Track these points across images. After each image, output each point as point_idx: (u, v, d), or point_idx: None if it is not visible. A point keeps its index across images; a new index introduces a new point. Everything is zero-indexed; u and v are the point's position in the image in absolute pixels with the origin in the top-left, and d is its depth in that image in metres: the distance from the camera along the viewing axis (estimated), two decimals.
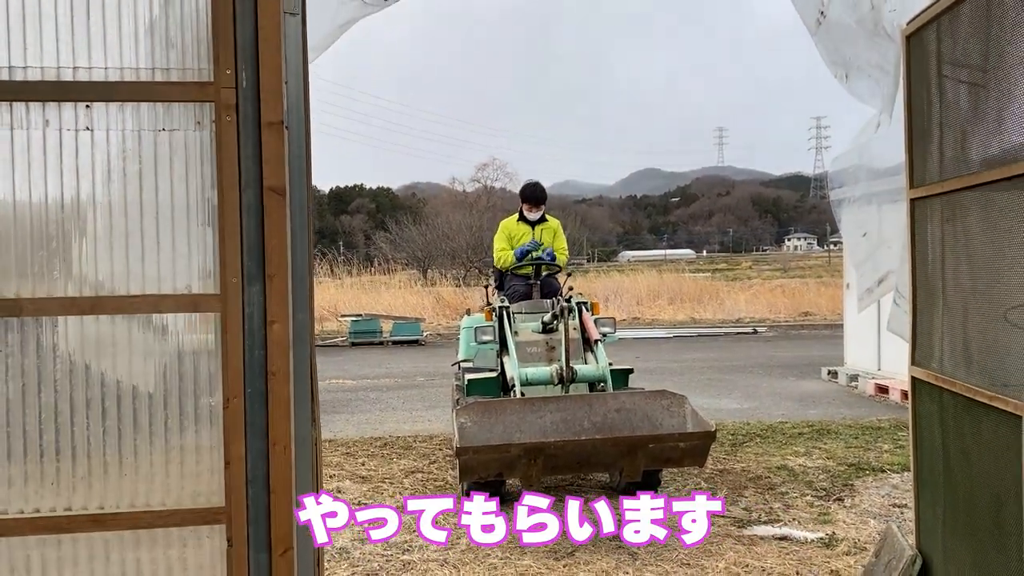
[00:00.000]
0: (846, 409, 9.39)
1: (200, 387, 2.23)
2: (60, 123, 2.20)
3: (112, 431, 2.23)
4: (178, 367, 2.26)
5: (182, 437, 2.24)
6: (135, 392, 2.25)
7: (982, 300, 2.95)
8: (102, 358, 2.25)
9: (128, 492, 2.24)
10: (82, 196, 2.23)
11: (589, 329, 6.08)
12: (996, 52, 2.84)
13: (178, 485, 2.25)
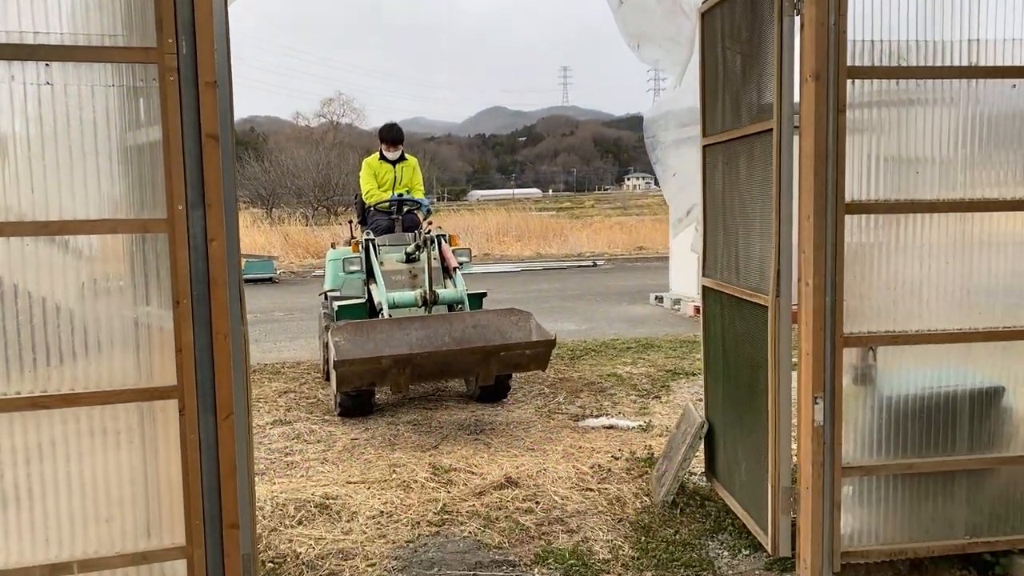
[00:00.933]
0: (669, 328, 10.70)
1: (160, 292, 2.82)
2: (24, 78, 2.69)
3: (80, 328, 2.79)
4: (131, 277, 2.83)
5: (138, 332, 2.84)
6: (96, 296, 2.81)
7: (745, 225, 3.93)
8: (67, 271, 2.79)
9: (94, 375, 2.82)
10: (45, 140, 2.73)
11: (448, 258, 6.84)
12: (758, 32, 3.76)
13: (139, 368, 2.85)
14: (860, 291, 3.50)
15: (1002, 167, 3.62)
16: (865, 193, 3.45)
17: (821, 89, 3.30)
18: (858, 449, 3.57)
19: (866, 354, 3.55)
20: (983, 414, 3.65)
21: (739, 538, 4.11)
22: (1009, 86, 3.57)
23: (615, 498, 4.74)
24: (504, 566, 3.95)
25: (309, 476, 5.28)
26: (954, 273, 3.61)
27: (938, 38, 3.53)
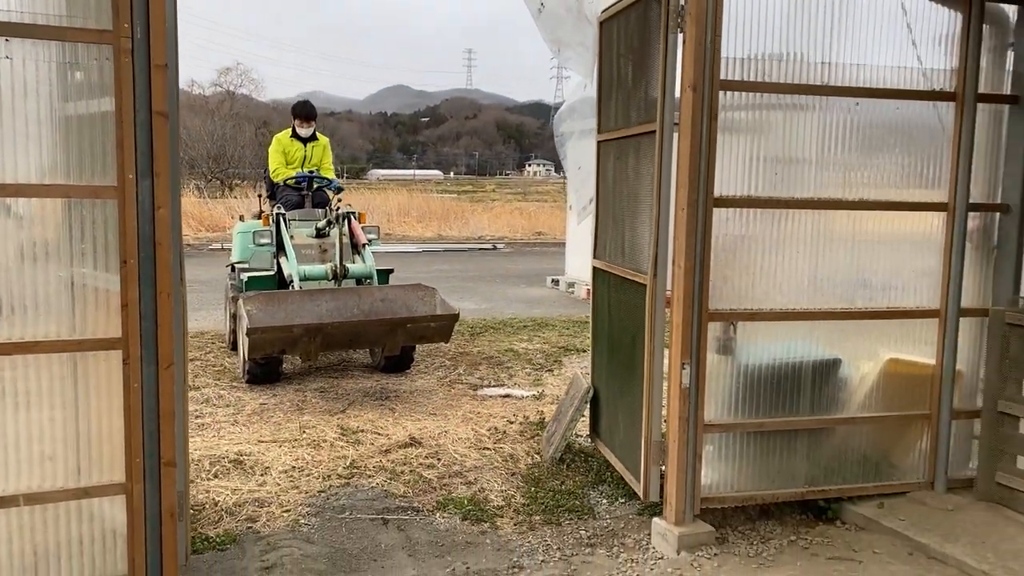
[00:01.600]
0: (563, 309, 11.31)
1: (108, 253, 3.11)
2: None
3: (31, 284, 3.05)
4: (81, 237, 3.11)
5: (85, 289, 3.12)
6: (46, 256, 3.08)
7: (631, 213, 4.47)
8: (17, 233, 3.05)
9: (43, 328, 3.08)
10: (3, 110, 2.96)
11: (357, 235, 7.17)
12: (647, 44, 4.28)
13: (86, 321, 3.13)
14: (724, 274, 4.09)
15: (847, 173, 4.28)
16: (731, 189, 4.02)
17: (698, 98, 3.85)
18: (718, 409, 4.16)
19: (728, 328, 4.14)
20: (823, 381, 4.32)
21: (617, 488, 4.68)
22: (853, 103, 4.22)
23: (509, 456, 5.24)
24: (409, 511, 4.38)
25: (221, 436, 5.55)
26: (804, 261, 4.25)
27: (798, 58, 4.15)
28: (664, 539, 4.03)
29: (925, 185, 4.40)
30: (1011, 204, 4.44)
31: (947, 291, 4.37)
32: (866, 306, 4.35)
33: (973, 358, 4.53)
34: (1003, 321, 4.32)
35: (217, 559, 3.77)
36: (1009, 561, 3.73)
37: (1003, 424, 4.36)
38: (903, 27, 4.34)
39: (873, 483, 4.43)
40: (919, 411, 4.46)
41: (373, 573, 3.72)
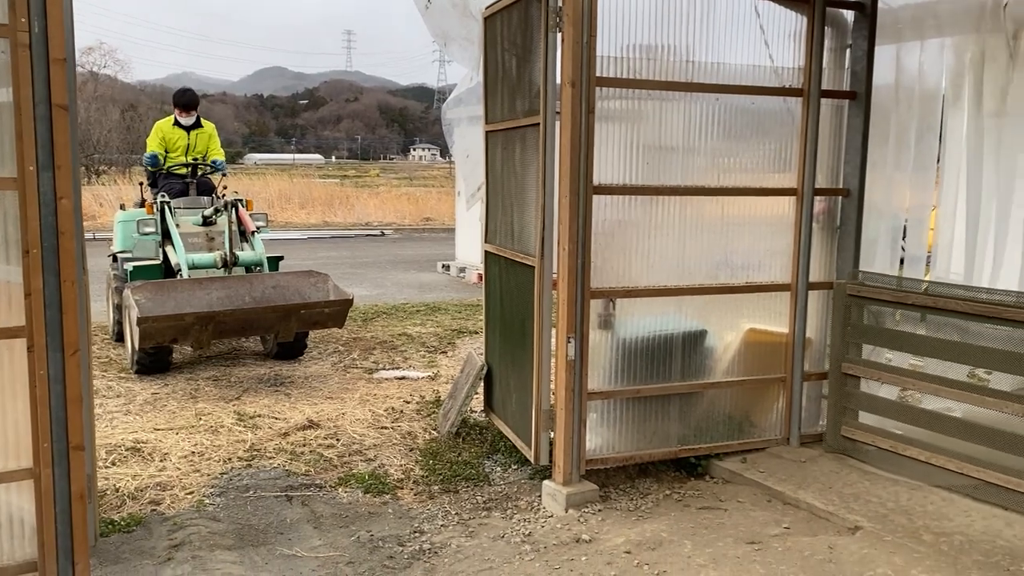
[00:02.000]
0: (455, 293, 11.58)
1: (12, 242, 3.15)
2: None
3: None
4: None
5: None
6: None
7: (519, 200, 4.78)
8: None
9: None
10: None
11: (246, 222, 7.19)
12: (529, 41, 4.58)
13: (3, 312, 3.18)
14: (604, 255, 4.45)
15: (711, 161, 4.72)
16: (609, 178, 4.39)
17: (576, 94, 4.18)
18: (600, 379, 4.54)
19: (607, 304, 4.52)
20: (692, 350, 4.76)
21: (510, 457, 5.00)
22: (714, 98, 4.66)
23: (407, 433, 5.48)
24: (312, 488, 4.57)
25: (114, 426, 5.55)
26: (673, 243, 4.67)
27: (666, 57, 4.54)
28: (553, 499, 4.38)
29: (778, 172, 4.90)
30: (851, 189, 5.00)
31: (797, 267, 4.90)
32: (728, 282, 4.82)
33: (821, 326, 5.09)
34: (845, 293, 4.88)
35: (124, 540, 3.87)
36: (850, 502, 4.27)
37: (847, 384, 4.93)
38: (757, 28, 4.81)
39: (737, 440, 4.92)
40: (775, 375, 4.98)
41: (280, 545, 3.90)
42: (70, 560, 3.33)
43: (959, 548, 3.79)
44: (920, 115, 5.30)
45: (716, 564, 3.69)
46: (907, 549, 3.80)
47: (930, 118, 5.32)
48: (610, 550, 3.86)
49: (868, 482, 4.55)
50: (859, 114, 4.95)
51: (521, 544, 3.96)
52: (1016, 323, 4.20)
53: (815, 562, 3.70)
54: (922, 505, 4.27)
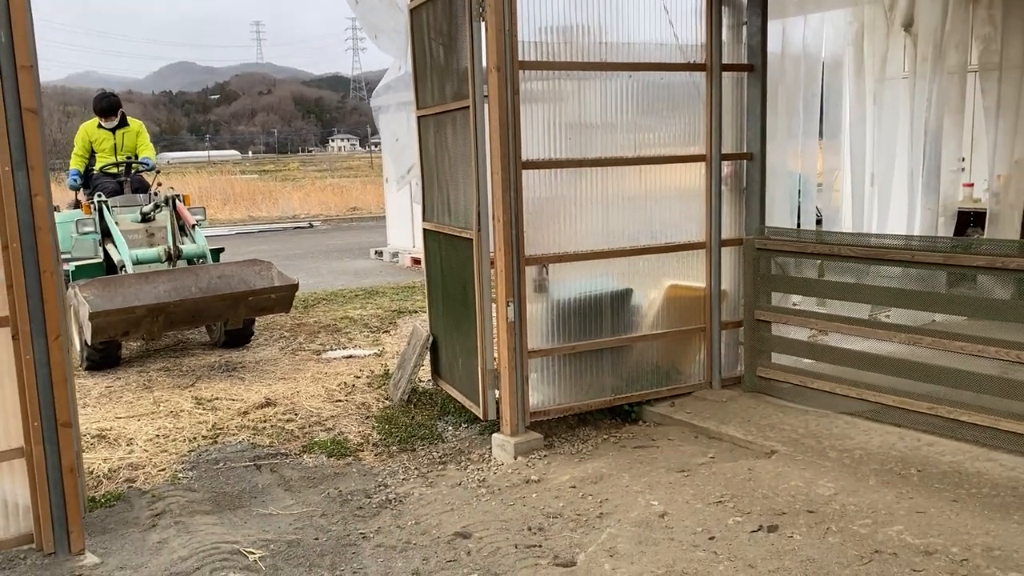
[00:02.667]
0: (390, 277, 11.88)
1: None
2: None
3: None
4: None
5: None
6: None
7: (453, 179, 5.15)
8: None
9: None
10: None
11: (185, 216, 7.37)
12: (455, 30, 4.94)
13: None
14: (536, 225, 4.87)
15: (628, 134, 5.17)
16: (536, 154, 4.80)
17: (502, 78, 4.57)
18: (539, 338, 4.97)
19: (541, 270, 4.95)
20: (620, 308, 5.23)
21: (460, 417, 5.41)
22: (627, 76, 5.11)
23: (361, 404, 5.83)
24: (278, 456, 4.89)
25: None
26: (598, 210, 5.12)
27: (581, 39, 4.96)
28: (503, 449, 4.80)
29: (688, 141, 5.38)
30: (754, 153, 5.52)
31: (710, 227, 5.41)
32: (649, 244, 5.30)
33: (734, 279, 5.61)
34: (754, 247, 5.42)
35: (108, 514, 4.13)
36: (767, 432, 4.81)
37: (759, 329, 5.48)
38: (662, 9, 5.27)
39: (666, 387, 5.42)
40: (696, 325, 5.50)
41: (256, 506, 4.23)
42: (64, 529, 3.61)
43: (859, 460, 4.36)
44: (806, 84, 5.86)
45: (651, 489, 4.18)
46: (815, 465, 4.34)
47: (814, 86, 5.88)
48: (557, 487, 4.31)
49: (782, 414, 5.11)
50: (757, 84, 5.47)
51: (477, 488, 4.37)
52: (901, 262, 4.80)
53: (737, 481, 4.22)
54: (828, 429, 4.83)
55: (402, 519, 4.03)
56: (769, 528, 3.69)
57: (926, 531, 3.57)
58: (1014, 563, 3.26)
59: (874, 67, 6.25)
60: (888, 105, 6.09)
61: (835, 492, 4.00)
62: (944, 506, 3.78)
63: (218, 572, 3.48)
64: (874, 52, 6.19)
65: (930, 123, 6.53)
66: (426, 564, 3.55)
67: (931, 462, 4.27)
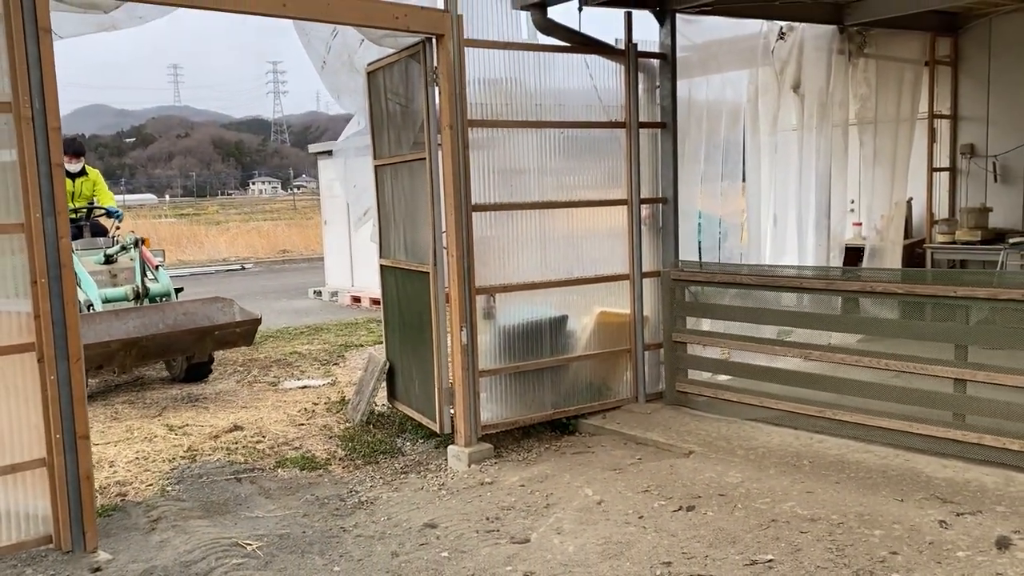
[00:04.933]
0: (332, 315, 12.39)
1: (18, 275, 3.91)
2: None
3: None
4: None
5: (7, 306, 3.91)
6: None
7: (410, 220, 5.84)
8: None
9: None
10: None
11: (148, 258, 7.83)
12: (412, 92, 5.67)
13: (6, 333, 3.91)
14: (485, 260, 5.59)
15: (561, 180, 5.97)
16: (483, 198, 5.54)
17: (454, 134, 5.30)
18: (488, 359, 5.66)
19: (489, 299, 5.66)
20: (557, 332, 5.98)
21: (416, 434, 6.03)
22: (559, 132, 5.92)
23: (323, 426, 6.39)
24: (255, 471, 5.43)
25: None
26: (537, 246, 5.87)
27: (520, 102, 5.75)
28: (458, 459, 5.44)
29: (612, 186, 6.21)
30: (668, 197, 6.39)
31: (632, 261, 6.22)
32: (581, 276, 6.08)
33: (654, 306, 6.43)
34: (670, 278, 6.25)
35: (109, 521, 4.60)
36: (685, 436, 5.59)
37: (677, 350, 6.29)
38: (588, 76, 6.12)
39: (598, 402, 6.16)
40: (623, 347, 6.28)
41: (243, 511, 4.76)
42: (81, 530, 4.10)
43: (762, 456, 5.17)
44: (708, 135, 6.79)
45: (589, 484, 4.89)
46: (726, 461, 5.13)
47: (715, 138, 6.82)
48: (508, 486, 4.98)
49: (698, 422, 5.90)
50: (669, 138, 6.36)
51: (438, 491, 5.00)
52: (791, 288, 5.70)
53: (661, 475, 4.96)
54: (736, 433, 5.64)
55: (375, 516, 4.63)
56: (688, 508, 4.43)
57: (813, 505, 4.37)
58: (878, 524, 4.08)
59: (767, 122, 7.25)
60: (782, 154, 7.08)
61: (741, 480, 4.78)
62: (828, 487, 4.60)
63: (223, 560, 4.02)
64: (767, 109, 7.19)
65: (819, 170, 7.55)
66: (402, 547, 4.17)
67: (820, 455, 5.10)
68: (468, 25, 5.34)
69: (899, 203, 8.59)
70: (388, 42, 5.56)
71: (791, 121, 7.78)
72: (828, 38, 7.53)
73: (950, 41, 8.70)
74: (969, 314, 4.90)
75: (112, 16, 4.43)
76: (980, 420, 4.83)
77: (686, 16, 6.51)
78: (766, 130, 7.06)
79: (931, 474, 4.66)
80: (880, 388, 5.30)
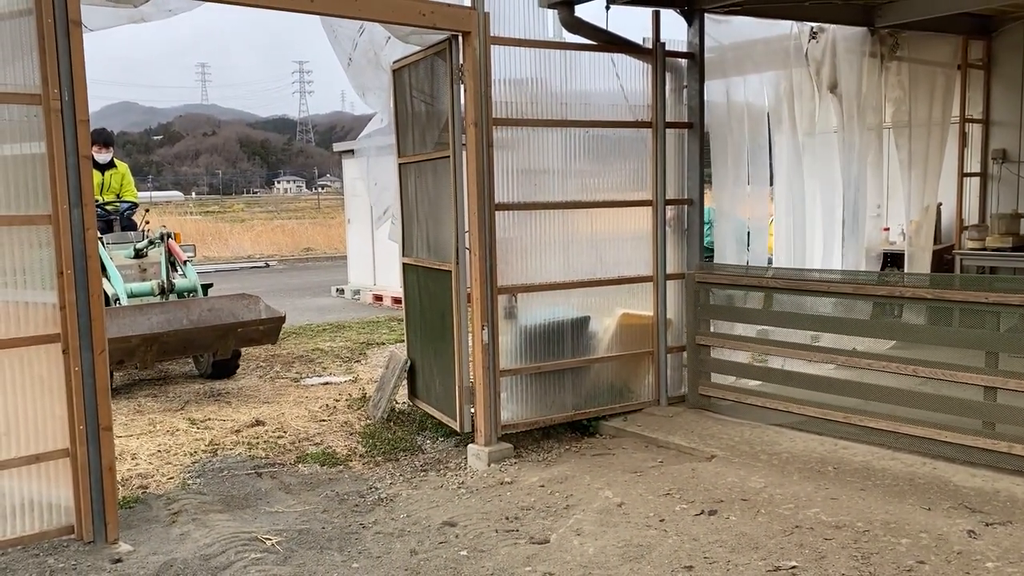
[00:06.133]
0: (354, 313, 12.43)
1: (45, 266, 3.94)
2: None
3: None
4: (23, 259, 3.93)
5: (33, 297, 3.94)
6: None
7: (434, 219, 5.83)
8: None
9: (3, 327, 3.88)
10: None
11: (177, 253, 7.87)
12: (438, 90, 5.66)
13: (32, 324, 3.95)
14: (507, 259, 5.56)
15: (585, 181, 5.93)
16: (507, 197, 5.51)
17: (479, 132, 5.28)
18: (509, 359, 5.63)
19: (511, 299, 5.63)
20: (579, 333, 5.94)
21: (437, 432, 6.01)
22: (584, 131, 5.88)
23: (344, 422, 6.39)
24: (276, 466, 5.43)
25: None
26: (560, 247, 5.84)
27: (545, 100, 5.72)
28: (478, 457, 5.42)
29: (637, 188, 6.16)
30: (693, 199, 6.33)
31: (656, 262, 6.17)
32: (604, 277, 6.04)
33: (678, 308, 6.37)
34: (695, 281, 6.19)
35: (130, 513, 4.63)
36: (707, 440, 5.53)
37: (700, 353, 6.23)
38: (615, 75, 6.08)
39: (619, 404, 6.12)
40: (646, 349, 6.22)
41: (263, 505, 4.77)
42: (103, 520, 4.12)
43: (785, 461, 5.10)
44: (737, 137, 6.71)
45: (610, 486, 4.84)
46: (749, 466, 5.06)
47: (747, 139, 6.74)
48: (528, 486, 4.95)
49: (720, 426, 5.84)
50: (696, 140, 6.30)
51: (458, 489, 4.98)
52: (818, 292, 5.62)
53: (683, 479, 4.91)
54: (760, 437, 5.57)
55: (395, 513, 4.62)
56: (710, 512, 4.38)
57: (837, 512, 4.30)
58: (904, 533, 4.00)
59: (803, 123, 7.15)
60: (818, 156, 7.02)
61: (764, 485, 4.72)
62: (854, 494, 4.52)
63: (242, 554, 4.02)
64: (802, 110, 7.10)
65: (857, 173, 7.45)
66: (421, 545, 4.15)
67: (845, 461, 5.03)
68: (494, 23, 5.32)
69: (929, 208, 8.47)
70: (414, 39, 5.56)
71: (829, 122, 7.65)
72: (859, 40, 7.42)
73: (983, 44, 8.56)
74: (1000, 321, 4.80)
75: (142, 9, 4.45)
76: (1011, 429, 4.73)
77: (715, 16, 6.45)
78: (801, 132, 6.95)
79: (959, 483, 4.57)
80: (908, 395, 5.21)
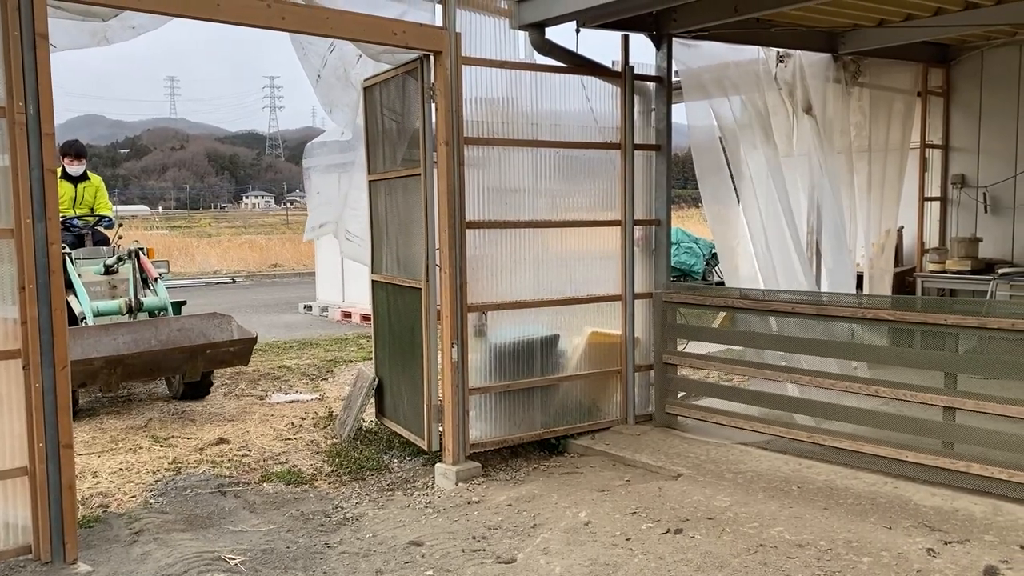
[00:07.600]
0: (322, 330, 12.35)
1: (6, 281, 3.88)
2: None
3: None
4: None
5: None
6: None
7: (404, 236, 5.83)
8: None
9: None
10: None
11: (148, 269, 7.70)
12: (408, 108, 5.68)
13: None
14: (477, 277, 5.58)
15: (554, 200, 5.97)
16: (477, 215, 5.53)
17: (450, 151, 5.31)
18: (478, 377, 5.63)
19: (481, 316, 5.64)
20: (549, 351, 5.96)
21: (404, 451, 5.98)
22: (554, 152, 5.93)
23: (310, 441, 6.34)
24: (240, 484, 5.37)
25: None
26: (529, 265, 5.87)
27: (516, 120, 5.76)
28: (445, 476, 5.40)
29: (607, 208, 6.22)
30: (661, 219, 6.40)
31: (625, 282, 6.22)
32: (573, 295, 6.07)
33: (646, 327, 6.42)
34: (662, 300, 6.25)
35: (90, 533, 4.54)
36: (674, 459, 5.56)
37: (667, 371, 6.28)
38: (584, 98, 6.15)
39: (588, 422, 6.14)
40: (614, 368, 6.26)
41: (227, 525, 4.70)
42: (61, 540, 4.04)
43: (750, 480, 5.14)
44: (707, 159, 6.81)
45: (577, 505, 4.85)
46: (714, 485, 5.10)
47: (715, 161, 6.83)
48: (495, 505, 4.93)
49: (687, 445, 5.87)
50: (664, 161, 6.38)
51: (424, 508, 4.96)
52: (780, 313, 5.70)
53: (649, 497, 4.93)
54: (726, 456, 5.61)
55: (360, 533, 4.58)
56: (675, 531, 4.40)
57: (801, 530, 4.34)
58: (866, 551, 4.05)
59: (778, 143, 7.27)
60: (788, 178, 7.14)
61: (730, 504, 4.75)
62: (817, 512, 4.58)
63: (204, 574, 3.97)
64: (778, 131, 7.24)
65: (832, 194, 7.55)
66: (387, 565, 4.12)
67: (809, 480, 5.08)
68: (466, 43, 5.36)
69: (890, 231, 8.64)
70: (386, 58, 5.58)
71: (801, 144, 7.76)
72: (824, 66, 7.59)
73: (942, 72, 8.80)
74: (959, 342, 4.91)
75: (107, 26, 4.42)
76: (969, 448, 4.83)
77: (683, 41, 6.55)
78: (771, 153, 7.06)
79: (919, 502, 4.65)
80: (870, 415, 5.30)
